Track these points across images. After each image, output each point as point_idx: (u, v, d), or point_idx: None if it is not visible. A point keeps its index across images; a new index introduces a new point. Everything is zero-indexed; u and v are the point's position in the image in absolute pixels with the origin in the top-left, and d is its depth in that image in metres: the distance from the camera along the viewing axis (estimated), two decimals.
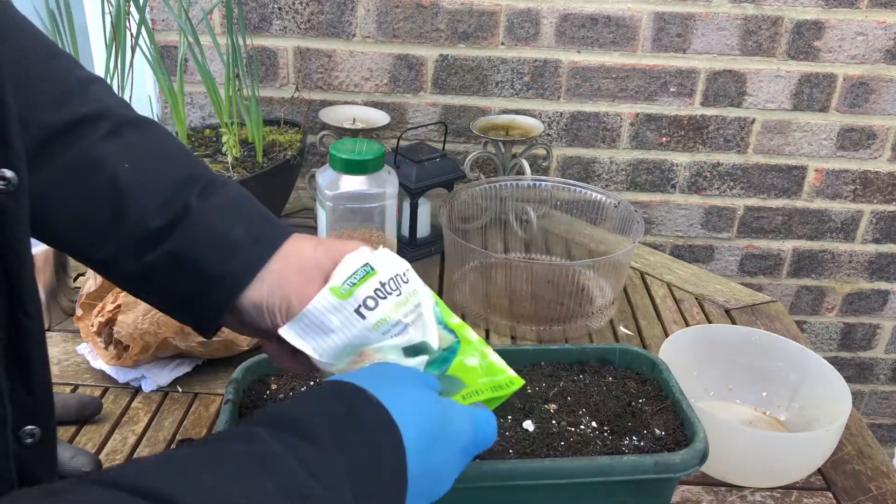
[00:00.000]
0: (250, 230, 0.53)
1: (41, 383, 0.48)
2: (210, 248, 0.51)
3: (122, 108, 0.55)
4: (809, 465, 0.82)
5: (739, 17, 1.38)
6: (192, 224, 0.52)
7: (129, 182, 0.52)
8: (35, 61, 0.53)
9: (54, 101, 0.52)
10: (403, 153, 1.22)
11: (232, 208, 0.53)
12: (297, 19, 1.38)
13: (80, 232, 0.53)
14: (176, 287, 0.53)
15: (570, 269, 1.07)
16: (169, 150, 0.55)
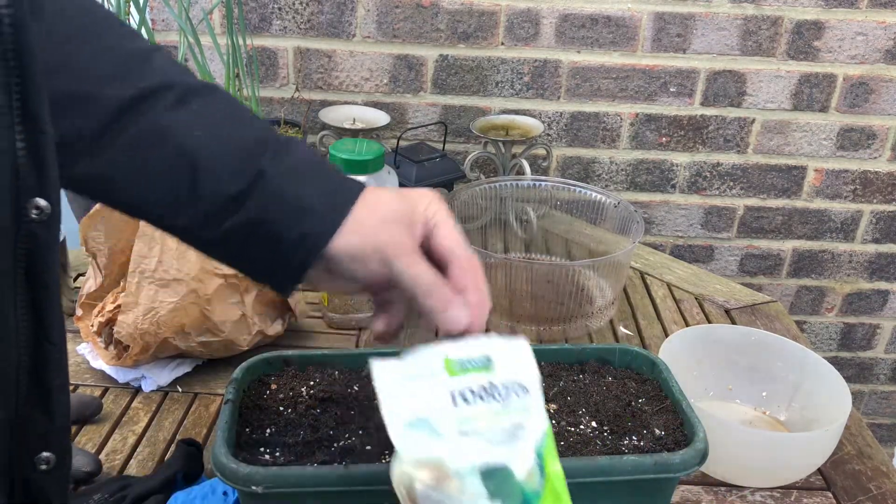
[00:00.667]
0: (324, 189, 0.53)
1: (61, 410, 0.48)
2: (287, 212, 0.52)
3: (185, 75, 0.55)
4: (809, 465, 0.82)
5: (739, 17, 1.38)
6: (267, 189, 0.52)
7: (200, 151, 0.52)
8: (96, 35, 0.53)
9: (118, 75, 0.52)
10: (403, 153, 1.23)
11: (304, 169, 0.53)
12: (297, 19, 1.38)
13: (155, 202, 0.53)
14: (256, 251, 0.53)
15: (570, 269, 1.07)
16: (235, 114, 0.55)
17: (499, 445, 0.48)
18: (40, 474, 0.47)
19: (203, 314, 0.89)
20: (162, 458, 0.82)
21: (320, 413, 0.65)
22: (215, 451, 0.57)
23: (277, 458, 0.60)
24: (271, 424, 0.64)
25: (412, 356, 0.48)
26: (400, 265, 0.52)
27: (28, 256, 0.44)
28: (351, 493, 0.57)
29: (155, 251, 0.87)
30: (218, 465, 0.57)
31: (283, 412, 0.65)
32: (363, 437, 0.62)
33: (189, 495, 0.72)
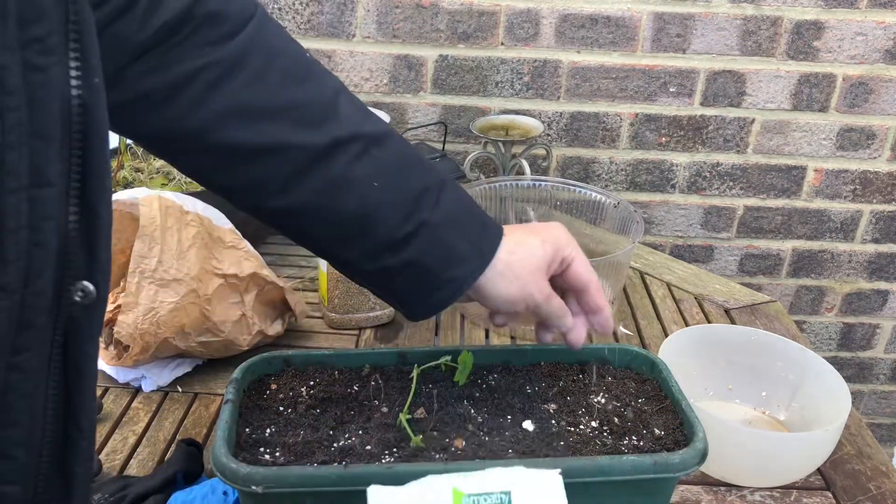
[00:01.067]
0: (473, 237, 0.61)
1: (81, 499, 0.48)
2: (440, 258, 0.60)
3: (367, 122, 0.61)
4: (809, 465, 0.82)
5: (739, 18, 1.38)
6: (427, 237, 0.59)
7: (375, 201, 0.59)
8: (298, 81, 0.58)
9: (313, 123, 0.58)
10: None
11: (459, 220, 0.61)
12: (297, 19, 1.38)
13: (328, 238, 0.61)
14: (407, 286, 0.62)
15: None
16: (408, 162, 0.61)
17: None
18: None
19: (203, 314, 0.89)
20: (162, 458, 0.82)
21: (320, 413, 0.65)
22: (215, 450, 0.57)
23: (277, 458, 0.60)
24: (271, 424, 0.64)
25: (417, 486, 0.43)
26: (543, 305, 0.64)
27: (66, 340, 0.43)
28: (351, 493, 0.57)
29: (155, 251, 0.87)
30: (218, 465, 0.57)
31: (283, 412, 0.65)
32: (363, 437, 0.63)
33: (189, 495, 0.72)
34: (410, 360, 0.71)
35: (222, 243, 0.93)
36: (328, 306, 1.04)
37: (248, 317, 0.93)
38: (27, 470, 0.44)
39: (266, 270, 0.95)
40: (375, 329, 1.06)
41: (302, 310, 1.01)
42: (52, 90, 0.40)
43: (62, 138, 0.40)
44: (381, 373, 0.71)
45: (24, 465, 0.44)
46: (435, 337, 1.06)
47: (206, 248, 0.91)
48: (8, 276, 0.39)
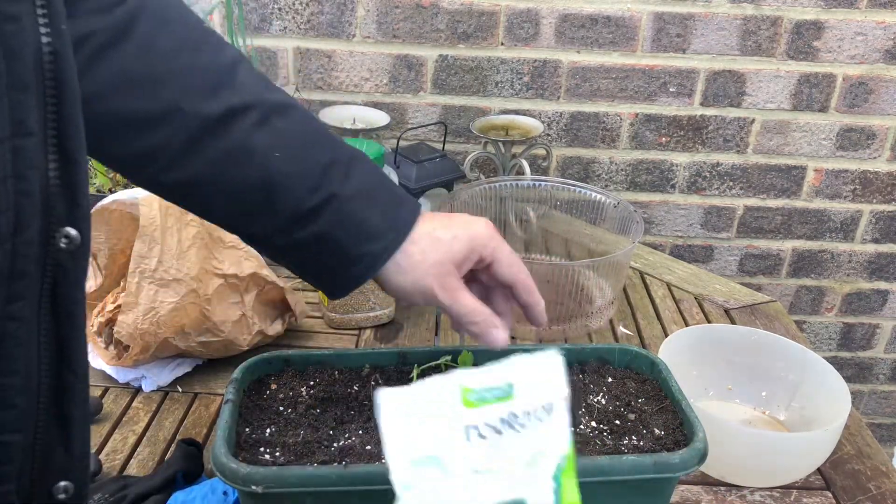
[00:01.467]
0: (386, 216, 0.59)
1: (80, 443, 0.48)
2: (352, 232, 0.58)
3: (267, 91, 0.59)
4: (809, 465, 0.82)
5: (739, 18, 1.38)
6: (337, 210, 0.57)
7: (279, 171, 0.56)
8: (193, 49, 0.56)
9: (206, 90, 0.55)
10: (403, 153, 1.23)
11: (371, 194, 0.59)
12: (297, 20, 1.38)
13: (233, 212, 0.59)
14: (318, 261, 0.60)
15: (569, 269, 1.07)
16: (313, 133, 0.59)
17: (514, 479, 0.45)
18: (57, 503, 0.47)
19: (203, 314, 0.89)
20: (162, 458, 0.82)
21: (320, 413, 0.65)
22: (215, 450, 0.57)
23: (277, 458, 0.60)
24: (271, 424, 0.64)
25: (423, 386, 0.44)
26: (444, 301, 0.60)
27: (54, 286, 0.44)
28: (351, 493, 0.57)
29: (155, 251, 0.87)
30: (218, 465, 0.57)
31: (282, 412, 0.65)
32: (363, 437, 0.62)
33: (189, 495, 0.72)
34: (410, 361, 0.71)
35: (222, 243, 0.93)
36: (328, 306, 1.04)
37: (248, 317, 0.93)
38: (27, 417, 0.44)
39: (266, 270, 0.95)
40: (375, 329, 1.06)
41: (302, 310, 1.01)
42: (25, 39, 0.40)
43: (37, 87, 0.41)
44: (381, 373, 0.71)
45: (24, 413, 0.44)
46: (435, 337, 1.06)
47: (206, 248, 0.91)
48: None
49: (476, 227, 0.62)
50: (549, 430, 0.46)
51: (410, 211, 0.61)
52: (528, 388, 0.46)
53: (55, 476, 0.47)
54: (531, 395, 0.46)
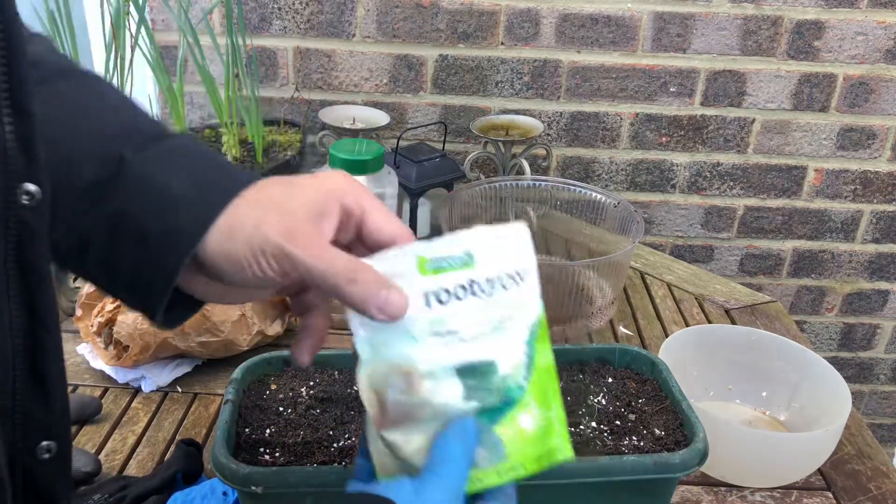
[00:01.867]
0: (197, 178, 0.45)
1: (59, 398, 0.47)
2: (152, 202, 0.44)
3: (61, 60, 0.50)
4: (809, 465, 0.82)
5: (739, 17, 1.38)
6: (129, 179, 0.45)
7: (53, 133, 0.45)
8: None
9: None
10: (403, 153, 1.22)
11: (175, 156, 0.46)
12: (297, 19, 1.38)
13: None
14: (118, 256, 0.46)
15: (569, 269, 1.07)
16: (110, 102, 0.49)
17: (480, 342, 0.45)
18: (42, 463, 0.46)
19: (203, 314, 0.89)
20: (161, 459, 0.82)
21: (320, 413, 0.65)
22: (215, 451, 0.57)
23: (277, 459, 0.60)
24: (271, 424, 0.64)
25: (381, 257, 0.44)
26: (302, 255, 0.43)
27: (19, 244, 0.42)
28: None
29: None
30: (218, 466, 0.57)
31: (282, 412, 0.65)
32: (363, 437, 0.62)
33: (188, 495, 0.72)
34: None
35: None
36: None
37: (248, 317, 0.93)
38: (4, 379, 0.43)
39: None
40: None
41: None
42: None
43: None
44: None
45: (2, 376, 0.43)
46: None
47: None
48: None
49: (332, 179, 0.47)
50: (517, 297, 0.46)
51: (239, 177, 0.46)
52: (489, 257, 0.46)
53: (37, 436, 0.46)
54: (493, 264, 0.46)
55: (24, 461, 0.45)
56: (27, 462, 0.46)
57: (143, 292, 0.46)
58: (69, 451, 0.49)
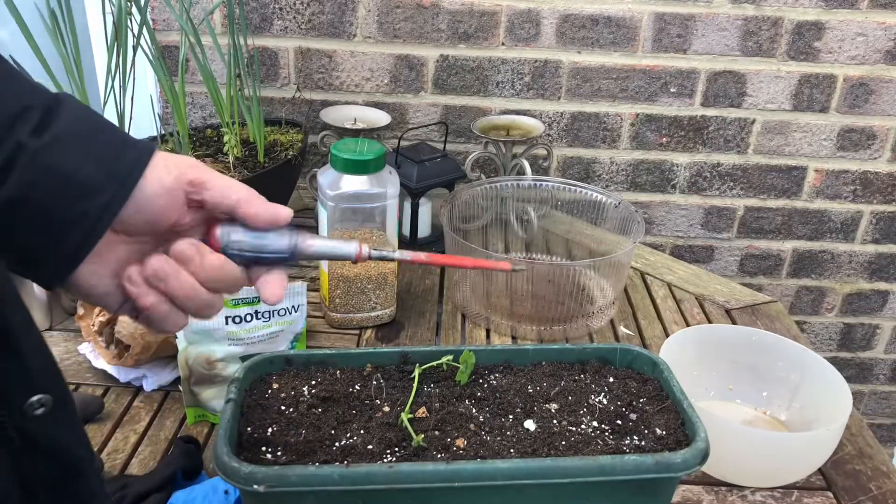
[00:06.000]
0: (101, 160, 0.47)
1: (31, 348, 0.44)
2: (59, 189, 0.45)
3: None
4: (810, 465, 0.82)
5: (740, 18, 1.39)
6: (30, 165, 0.45)
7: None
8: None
9: None
10: (404, 153, 1.23)
11: (76, 141, 0.47)
12: (298, 19, 1.38)
13: None
14: (18, 239, 0.46)
15: (570, 269, 1.07)
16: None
17: (258, 343, 0.87)
18: (39, 419, 0.43)
19: None
20: (163, 458, 0.82)
21: (322, 412, 0.65)
22: (217, 449, 0.57)
23: (279, 458, 0.60)
24: (273, 423, 0.64)
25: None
26: (208, 177, 0.50)
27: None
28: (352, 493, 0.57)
29: None
30: (220, 464, 0.57)
31: (284, 411, 0.65)
32: (364, 437, 0.63)
33: (190, 494, 0.72)
34: (412, 360, 0.71)
35: None
36: (329, 306, 1.04)
37: None
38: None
39: None
40: (376, 329, 1.06)
41: None
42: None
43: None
44: (383, 372, 0.71)
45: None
46: (436, 337, 1.06)
47: None
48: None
49: (176, 156, 0.52)
50: (290, 319, 0.90)
51: (138, 153, 0.48)
52: None
53: (20, 393, 0.43)
54: None
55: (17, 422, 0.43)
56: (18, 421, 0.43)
57: (40, 269, 0.48)
58: (70, 403, 0.46)
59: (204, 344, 0.84)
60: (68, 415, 0.46)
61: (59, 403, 0.45)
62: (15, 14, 0.96)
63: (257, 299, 0.85)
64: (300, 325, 0.92)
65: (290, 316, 0.90)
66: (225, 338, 0.85)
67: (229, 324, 0.85)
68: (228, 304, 0.84)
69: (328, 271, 1.02)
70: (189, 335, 0.83)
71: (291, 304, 0.90)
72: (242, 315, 0.86)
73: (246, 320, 0.86)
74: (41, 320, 1.01)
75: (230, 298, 0.83)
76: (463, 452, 0.61)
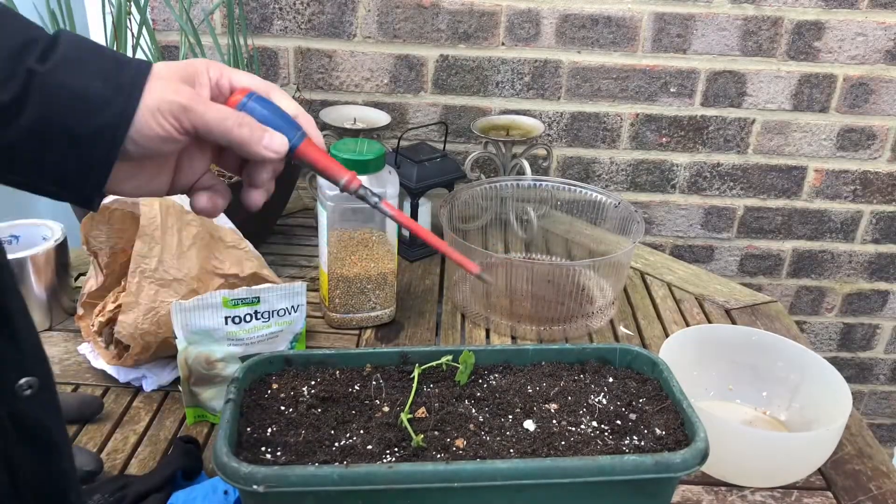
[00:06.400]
0: (106, 78, 0.50)
1: (26, 333, 0.47)
2: (73, 106, 0.49)
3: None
4: (810, 465, 0.82)
5: (739, 18, 1.39)
6: (44, 88, 0.48)
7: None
8: None
9: None
10: (404, 153, 1.23)
11: (78, 60, 0.50)
12: (298, 19, 1.38)
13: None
14: (49, 161, 0.50)
15: (570, 269, 1.07)
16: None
17: (258, 343, 0.89)
18: (27, 400, 0.47)
19: None
20: (163, 458, 0.82)
21: (321, 413, 0.65)
22: (216, 450, 0.57)
23: (278, 458, 0.60)
24: (272, 424, 0.64)
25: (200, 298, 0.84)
26: (198, 108, 0.51)
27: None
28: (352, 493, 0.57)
29: (155, 251, 0.87)
30: (219, 464, 0.57)
31: (284, 411, 0.65)
32: (364, 437, 0.63)
33: (190, 494, 0.72)
34: (411, 360, 0.71)
35: (223, 243, 0.93)
36: (329, 306, 1.04)
37: None
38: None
39: (266, 270, 0.95)
40: (376, 329, 1.06)
41: None
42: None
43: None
44: (382, 372, 0.71)
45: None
46: (436, 337, 1.06)
47: (206, 247, 0.91)
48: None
49: (195, 60, 0.56)
50: (287, 321, 0.91)
51: (137, 68, 0.52)
52: (271, 301, 0.88)
53: (13, 374, 0.46)
54: (273, 304, 0.89)
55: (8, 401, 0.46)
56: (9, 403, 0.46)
57: (76, 187, 0.51)
58: (53, 386, 0.50)
59: (203, 344, 0.84)
60: (51, 396, 0.49)
61: (44, 385, 0.48)
62: None
63: (257, 299, 0.86)
64: (300, 325, 0.92)
65: (289, 316, 0.90)
66: (224, 338, 0.86)
67: (229, 324, 0.85)
68: (228, 305, 0.85)
69: (328, 271, 1.02)
70: (189, 335, 0.83)
71: (291, 305, 0.90)
72: (242, 315, 0.86)
73: (245, 320, 0.86)
74: (41, 320, 1.01)
75: (230, 298, 0.84)
76: (462, 452, 0.61)
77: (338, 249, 1.00)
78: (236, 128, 0.53)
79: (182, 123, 0.51)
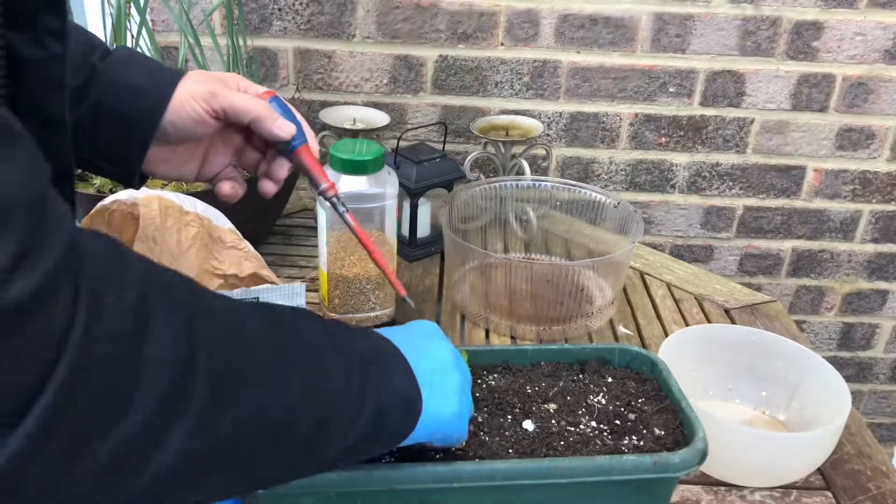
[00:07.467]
0: (149, 73, 0.65)
1: None
2: (121, 94, 0.63)
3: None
4: (809, 465, 0.82)
5: (738, 18, 1.39)
6: (101, 78, 0.63)
7: None
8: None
9: None
10: (403, 153, 1.23)
11: (129, 61, 0.65)
12: (297, 20, 1.38)
13: None
14: (102, 138, 0.64)
15: (569, 269, 1.07)
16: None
17: None
18: None
19: None
20: None
21: None
22: None
23: None
24: None
25: None
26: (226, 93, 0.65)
27: None
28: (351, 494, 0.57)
29: (155, 252, 0.87)
30: None
31: None
32: None
33: None
34: None
35: (222, 243, 0.93)
36: (328, 306, 1.04)
37: None
38: None
39: (266, 271, 0.95)
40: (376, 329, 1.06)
41: None
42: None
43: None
44: None
45: None
46: None
47: (205, 248, 0.91)
48: None
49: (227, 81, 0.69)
50: None
51: (174, 70, 0.66)
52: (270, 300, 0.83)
53: None
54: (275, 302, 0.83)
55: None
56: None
57: (121, 160, 0.65)
58: None
59: None
60: None
61: None
62: None
63: (256, 300, 0.86)
64: None
65: None
66: None
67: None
68: None
69: (327, 272, 1.02)
70: None
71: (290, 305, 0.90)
72: None
73: None
74: None
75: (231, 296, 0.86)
76: (462, 453, 0.61)
77: (337, 250, 1.00)
78: (258, 107, 0.65)
79: (212, 105, 0.64)
